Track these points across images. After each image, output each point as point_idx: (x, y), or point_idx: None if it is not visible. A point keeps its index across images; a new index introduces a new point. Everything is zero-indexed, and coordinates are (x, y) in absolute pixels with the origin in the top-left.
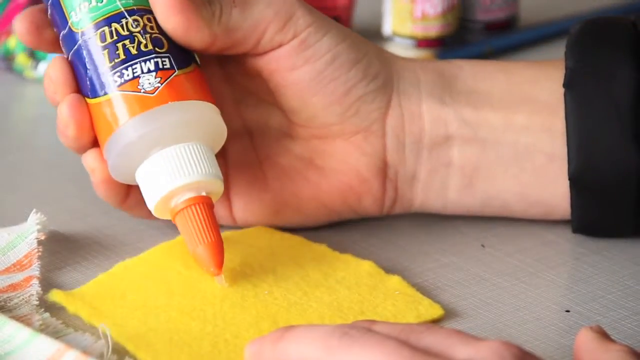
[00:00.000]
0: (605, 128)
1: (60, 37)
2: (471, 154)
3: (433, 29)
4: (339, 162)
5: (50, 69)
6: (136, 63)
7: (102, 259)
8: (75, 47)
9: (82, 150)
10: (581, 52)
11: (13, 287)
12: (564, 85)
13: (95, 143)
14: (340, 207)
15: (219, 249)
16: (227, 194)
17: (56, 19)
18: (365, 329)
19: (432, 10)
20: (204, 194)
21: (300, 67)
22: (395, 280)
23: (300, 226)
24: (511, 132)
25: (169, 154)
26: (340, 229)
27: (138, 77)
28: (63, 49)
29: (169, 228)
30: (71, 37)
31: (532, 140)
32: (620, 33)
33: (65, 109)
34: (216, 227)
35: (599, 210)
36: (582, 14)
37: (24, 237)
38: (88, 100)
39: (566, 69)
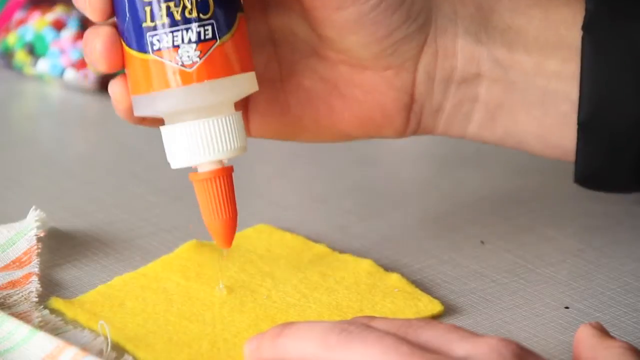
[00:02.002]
0: (619, 76)
1: None
2: (498, 93)
3: None
4: (364, 94)
5: None
6: (178, 30)
7: (102, 256)
8: None
9: (110, 71)
10: None
11: (12, 284)
12: (583, 28)
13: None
14: (358, 134)
15: (232, 224)
16: (245, 107)
17: None
18: (364, 325)
19: None
20: (225, 162)
21: (347, 8)
22: (394, 278)
23: (312, 143)
24: (542, 76)
25: (199, 127)
26: (339, 227)
27: (178, 46)
28: None
29: (167, 224)
30: None
31: (561, 86)
32: None
33: (100, 46)
34: (233, 201)
35: (604, 159)
36: None
37: (24, 234)
38: (122, 42)
39: (586, 10)
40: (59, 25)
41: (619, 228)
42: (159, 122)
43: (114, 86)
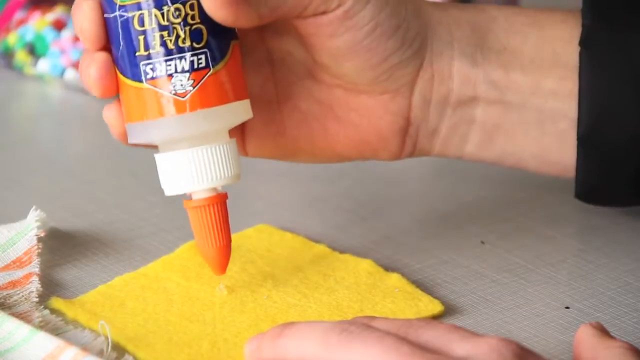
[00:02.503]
0: (618, 90)
1: None
2: (494, 114)
3: None
4: (360, 117)
5: (82, 18)
6: (171, 60)
7: (102, 256)
8: (112, 15)
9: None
10: (597, 11)
11: (13, 284)
12: (580, 44)
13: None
14: (353, 157)
15: (226, 251)
16: (242, 129)
17: None
18: (365, 325)
19: None
20: (220, 190)
21: (341, 36)
22: (394, 278)
23: (311, 163)
24: (538, 96)
25: (192, 155)
26: (339, 227)
27: (171, 75)
28: (101, 2)
29: (167, 224)
30: (110, 2)
31: (559, 105)
32: None
33: (95, 72)
34: (227, 228)
35: (603, 174)
36: None
37: (24, 234)
38: (117, 70)
39: (583, 26)
40: (59, 25)
41: (619, 228)
42: (155, 146)
43: (109, 112)
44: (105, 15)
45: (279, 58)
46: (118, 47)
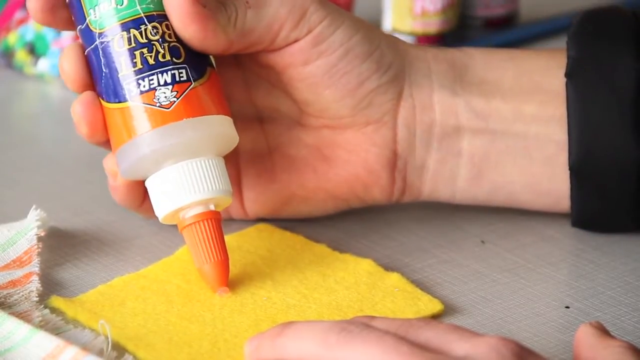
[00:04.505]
0: (606, 118)
1: (78, 30)
2: (481, 145)
3: (433, 26)
4: (347, 153)
5: (64, 61)
6: (153, 74)
7: (102, 256)
8: (92, 46)
9: (99, 144)
10: (583, 42)
11: (13, 283)
12: (566, 75)
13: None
14: (347, 197)
15: (224, 267)
16: (238, 187)
17: (75, 11)
18: (364, 324)
19: (432, 7)
20: (212, 207)
21: (314, 61)
22: (394, 278)
23: (309, 216)
24: (521, 122)
25: (180, 169)
26: (339, 226)
27: (154, 89)
28: (81, 41)
29: (168, 224)
30: (89, 34)
31: (542, 129)
32: (621, 23)
33: (79, 108)
34: (223, 244)
35: (598, 203)
36: (582, 10)
37: (24, 234)
38: (102, 102)
39: (568, 58)
40: None
41: None
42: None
43: (108, 161)
44: (86, 52)
45: (267, 115)
46: (101, 77)
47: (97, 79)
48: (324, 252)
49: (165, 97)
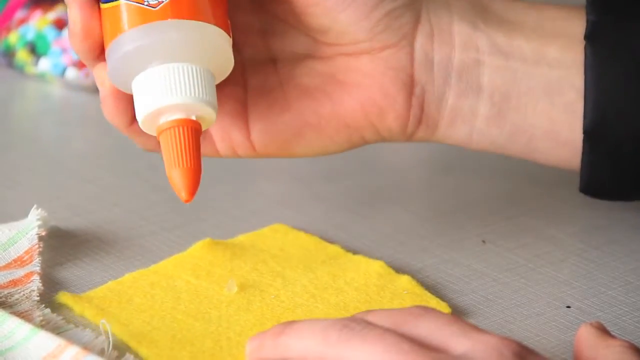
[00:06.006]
0: (622, 84)
1: None
2: (502, 83)
3: None
4: (363, 76)
5: None
6: None
7: (103, 255)
8: None
9: (92, 57)
10: (603, 6)
11: (14, 283)
12: (585, 38)
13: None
14: (362, 124)
15: (194, 175)
16: (244, 120)
17: None
18: (364, 321)
19: None
20: (193, 117)
21: None
22: (404, 280)
23: (322, 152)
24: (543, 64)
25: (163, 70)
26: (340, 226)
27: None
28: None
29: (168, 223)
30: None
31: (564, 74)
32: None
33: (75, 8)
34: (197, 153)
35: (608, 169)
36: None
37: (25, 233)
38: (101, 4)
39: (587, 22)
40: (60, 24)
41: (621, 227)
42: (152, 141)
43: (99, 68)
44: None
45: (282, 56)
46: None
47: None
48: (337, 253)
49: None
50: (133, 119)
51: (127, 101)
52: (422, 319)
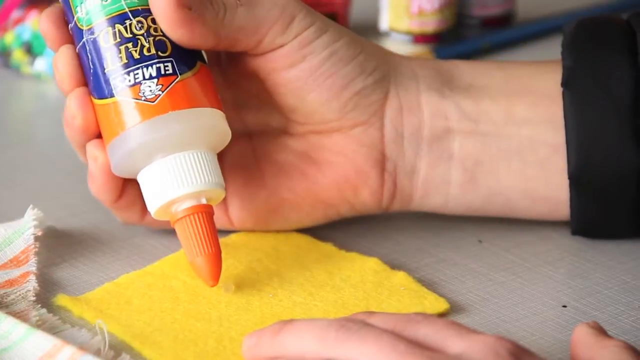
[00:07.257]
0: (604, 126)
1: (69, 28)
2: (472, 148)
3: (430, 25)
4: (335, 155)
5: (58, 59)
6: (138, 68)
7: (99, 255)
8: (81, 43)
9: (85, 143)
10: (578, 52)
11: (10, 283)
12: (562, 84)
13: (99, 135)
14: (337, 201)
15: (216, 260)
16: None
17: (66, 9)
18: (362, 322)
19: (429, 6)
20: (204, 201)
21: (298, 64)
22: (400, 276)
23: (298, 226)
24: (512, 124)
25: (170, 162)
26: (337, 226)
27: (140, 83)
28: (73, 40)
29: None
30: (77, 31)
31: (534, 131)
32: (615, 32)
33: (74, 102)
34: (215, 238)
35: (598, 211)
36: (579, 10)
37: (21, 233)
38: (93, 99)
39: (564, 68)
40: None
41: None
42: (137, 214)
43: (91, 145)
44: (77, 50)
45: (256, 129)
46: (90, 74)
47: (87, 76)
48: (330, 251)
49: (151, 90)
50: (119, 196)
51: (117, 179)
52: (421, 324)
